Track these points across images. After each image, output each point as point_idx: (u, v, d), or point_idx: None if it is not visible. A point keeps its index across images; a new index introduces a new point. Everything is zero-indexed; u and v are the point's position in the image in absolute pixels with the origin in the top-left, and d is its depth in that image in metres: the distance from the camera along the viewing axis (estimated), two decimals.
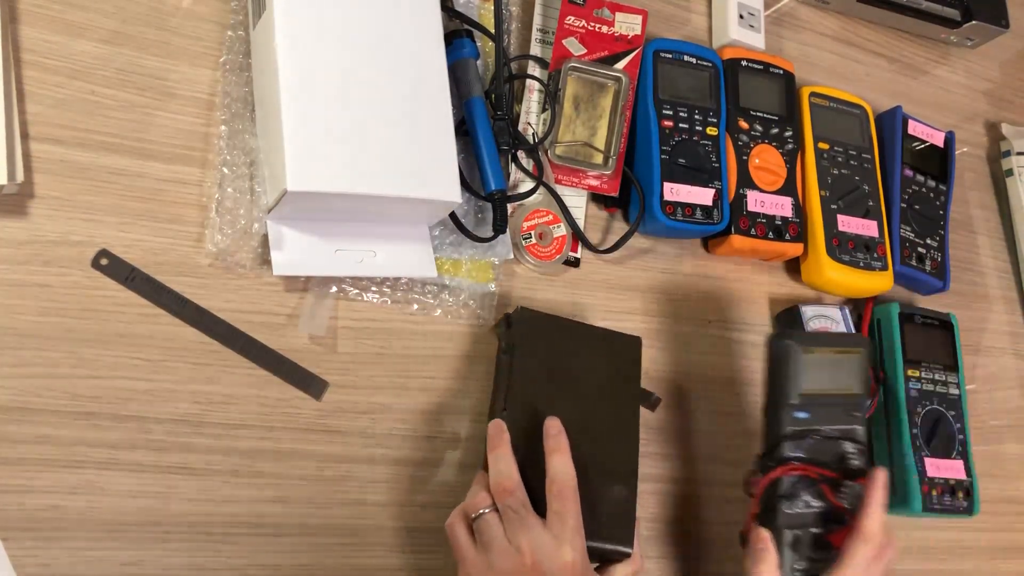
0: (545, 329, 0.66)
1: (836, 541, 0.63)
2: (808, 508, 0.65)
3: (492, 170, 0.68)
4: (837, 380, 0.67)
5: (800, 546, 0.64)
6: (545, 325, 0.66)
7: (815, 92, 0.85)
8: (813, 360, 0.66)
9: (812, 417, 0.66)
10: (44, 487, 0.54)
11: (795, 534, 0.64)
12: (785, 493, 0.64)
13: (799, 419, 0.66)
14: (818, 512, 0.65)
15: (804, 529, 0.64)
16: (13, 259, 0.56)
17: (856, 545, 0.61)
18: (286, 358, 0.62)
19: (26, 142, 0.58)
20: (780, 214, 0.78)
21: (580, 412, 0.63)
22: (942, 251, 0.87)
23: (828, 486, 0.65)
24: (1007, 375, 0.93)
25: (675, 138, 0.75)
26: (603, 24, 0.76)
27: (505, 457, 0.58)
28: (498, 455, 0.59)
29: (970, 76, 1.04)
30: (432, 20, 0.65)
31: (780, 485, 0.65)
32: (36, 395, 0.55)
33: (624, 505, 0.63)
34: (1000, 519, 0.87)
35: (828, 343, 0.68)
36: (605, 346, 0.67)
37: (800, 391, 0.66)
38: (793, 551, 0.64)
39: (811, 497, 0.65)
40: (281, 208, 0.59)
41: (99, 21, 0.62)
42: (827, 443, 0.66)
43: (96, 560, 0.54)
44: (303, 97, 0.58)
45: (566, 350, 0.65)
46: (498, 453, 0.59)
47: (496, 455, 0.59)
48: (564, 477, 0.57)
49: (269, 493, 0.59)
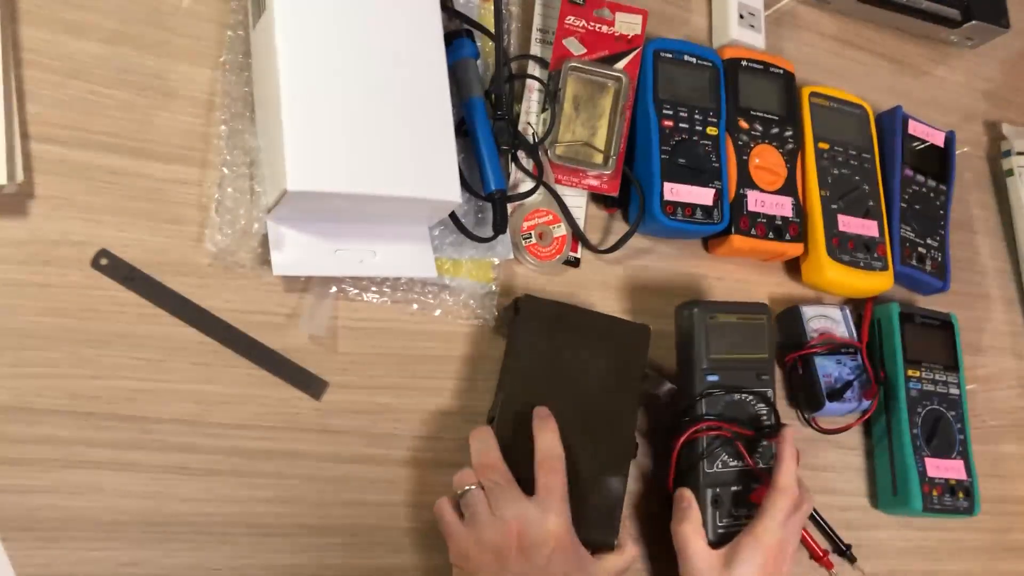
0: (551, 316, 0.66)
1: (756, 499, 0.67)
2: (727, 468, 0.68)
3: (492, 170, 0.68)
4: (742, 346, 0.71)
5: (721, 504, 0.67)
6: (551, 312, 0.66)
7: (815, 92, 0.85)
8: (717, 326, 0.70)
9: (722, 380, 0.69)
10: (44, 487, 0.54)
11: (716, 492, 0.67)
12: (704, 452, 0.67)
13: (710, 382, 0.69)
14: (737, 471, 0.68)
15: (725, 487, 0.67)
16: (13, 259, 0.56)
17: (773, 498, 0.64)
18: (286, 358, 0.62)
19: (26, 142, 0.58)
20: (780, 214, 0.78)
21: (578, 401, 0.64)
22: (942, 251, 0.87)
23: (743, 445, 0.68)
24: (1007, 375, 0.93)
25: (675, 138, 0.75)
26: (603, 24, 0.76)
27: (484, 436, 0.60)
28: (477, 435, 0.60)
29: (970, 76, 1.04)
30: (432, 20, 0.65)
31: (698, 445, 0.68)
32: (36, 395, 0.55)
33: (611, 496, 0.63)
34: (1000, 519, 0.87)
35: (731, 310, 0.71)
36: (612, 334, 0.67)
37: (709, 355, 0.69)
38: (715, 508, 0.67)
39: (729, 456, 0.68)
40: (281, 208, 0.59)
41: (99, 21, 0.62)
42: (739, 404, 0.70)
43: (96, 560, 0.54)
44: (303, 97, 0.58)
45: (571, 338, 0.65)
46: (477, 434, 0.60)
47: (475, 435, 0.60)
48: (550, 451, 0.59)
49: (269, 493, 0.59)
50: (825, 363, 0.78)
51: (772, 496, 0.64)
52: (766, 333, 0.72)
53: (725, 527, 0.67)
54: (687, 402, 0.69)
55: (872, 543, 0.79)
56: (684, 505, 0.65)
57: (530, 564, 0.55)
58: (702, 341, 0.70)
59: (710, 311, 0.71)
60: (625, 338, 0.67)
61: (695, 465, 0.68)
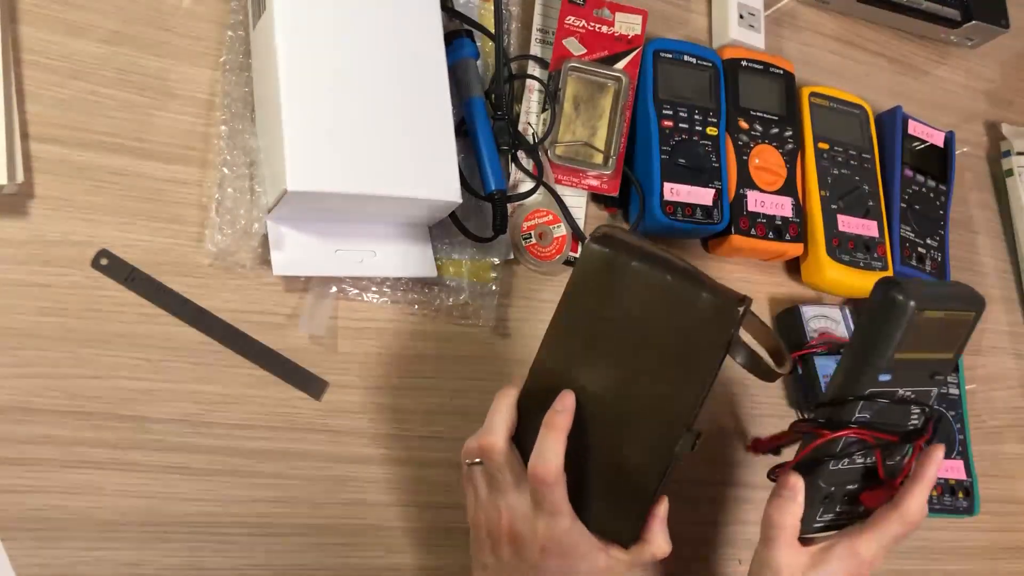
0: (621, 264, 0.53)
1: (867, 501, 0.59)
2: (852, 465, 0.59)
3: (492, 170, 0.68)
4: (935, 344, 0.58)
5: (832, 502, 0.59)
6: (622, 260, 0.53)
7: (815, 92, 0.85)
8: (923, 322, 0.55)
9: (894, 380, 0.57)
10: (44, 487, 0.54)
11: (831, 490, 0.59)
12: (838, 452, 0.58)
13: (881, 381, 0.57)
14: (860, 470, 0.59)
15: (841, 486, 0.59)
16: (13, 259, 0.56)
17: (892, 519, 0.57)
18: (286, 358, 0.62)
19: (26, 142, 0.58)
20: (780, 214, 0.78)
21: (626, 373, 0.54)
22: (942, 251, 0.87)
23: (882, 451, 0.59)
24: (1007, 375, 0.93)
25: (675, 138, 0.75)
26: (603, 24, 0.76)
27: (500, 407, 0.56)
28: (495, 405, 0.56)
29: (970, 76, 1.04)
30: (432, 20, 0.65)
31: (836, 444, 0.57)
32: (36, 395, 0.55)
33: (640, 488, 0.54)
34: (1000, 519, 0.87)
35: (943, 304, 0.56)
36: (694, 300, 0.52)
37: (894, 354, 0.55)
38: (824, 505, 0.59)
39: (860, 458, 0.59)
40: (281, 208, 0.59)
41: (99, 21, 0.62)
42: (896, 407, 0.58)
43: (96, 560, 0.54)
44: (303, 97, 0.58)
45: (640, 293, 0.53)
46: (496, 403, 0.56)
47: (495, 404, 0.56)
48: (544, 462, 0.53)
49: (269, 493, 0.59)
50: (825, 363, 0.78)
51: (891, 517, 0.57)
52: (966, 333, 0.59)
53: (825, 523, 0.60)
54: (844, 396, 0.57)
55: None
56: (788, 495, 0.57)
57: (519, 558, 0.54)
58: (894, 336, 0.55)
59: (922, 304, 0.54)
60: (711, 308, 0.52)
61: (820, 461, 0.58)
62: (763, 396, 0.78)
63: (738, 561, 0.73)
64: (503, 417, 0.55)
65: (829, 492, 0.59)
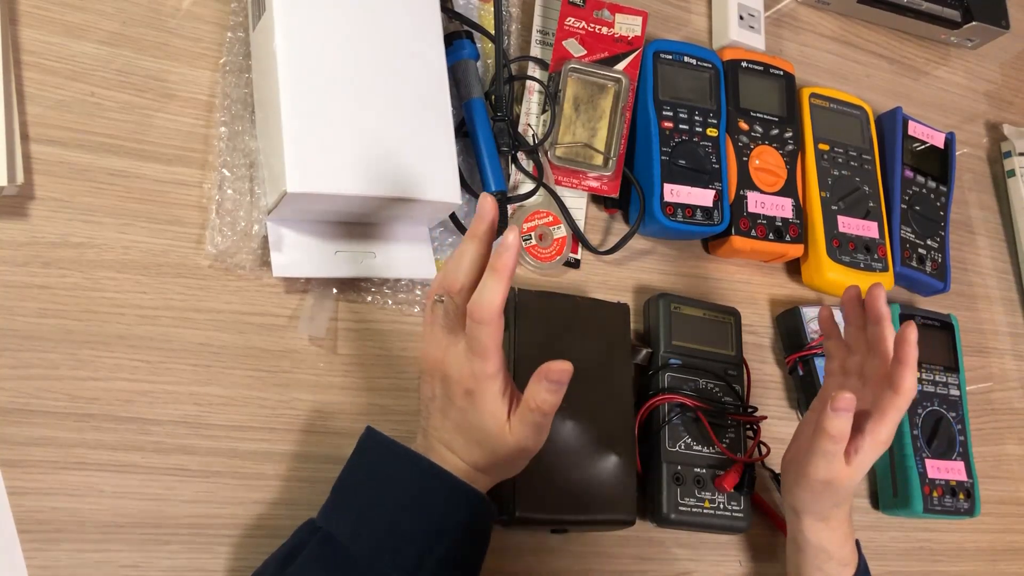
0: (543, 306, 0.67)
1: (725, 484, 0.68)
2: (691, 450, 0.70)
3: (492, 171, 0.68)
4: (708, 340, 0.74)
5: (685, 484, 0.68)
6: (543, 303, 0.67)
7: (815, 93, 0.85)
8: (681, 316, 0.73)
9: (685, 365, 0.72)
10: (44, 489, 0.54)
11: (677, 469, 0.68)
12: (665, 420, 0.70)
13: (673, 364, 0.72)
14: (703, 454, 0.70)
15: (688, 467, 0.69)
16: (13, 261, 0.56)
17: (896, 402, 0.61)
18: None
19: (26, 143, 0.58)
20: (780, 215, 0.78)
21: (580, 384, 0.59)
22: (942, 252, 0.87)
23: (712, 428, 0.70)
24: (1007, 376, 0.93)
25: (675, 139, 0.75)
26: (603, 25, 0.76)
27: (469, 253, 0.53)
28: (465, 248, 0.53)
29: (970, 77, 1.04)
30: (432, 21, 0.65)
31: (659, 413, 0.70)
32: (36, 397, 0.55)
33: (624, 474, 0.65)
34: (1001, 520, 0.87)
35: (698, 306, 0.74)
36: (596, 316, 0.69)
37: (672, 340, 0.72)
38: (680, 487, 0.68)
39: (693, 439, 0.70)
40: (281, 209, 0.59)
41: (99, 22, 0.62)
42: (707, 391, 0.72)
43: (96, 562, 0.54)
44: (303, 98, 0.58)
45: (563, 324, 0.67)
46: (466, 246, 0.53)
47: (463, 248, 0.53)
48: (484, 301, 0.50)
49: (269, 495, 0.59)
50: None
51: (894, 400, 0.61)
52: (733, 333, 0.74)
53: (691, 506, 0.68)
54: (651, 374, 0.71)
55: (873, 544, 0.79)
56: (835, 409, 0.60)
57: (448, 397, 0.54)
58: (667, 327, 0.72)
59: (674, 301, 0.73)
60: (609, 318, 0.69)
61: (656, 433, 0.69)
62: (764, 398, 0.78)
63: (739, 563, 0.73)
64: (470, 259, 0.53)
65: (676, 471, 0.68)
